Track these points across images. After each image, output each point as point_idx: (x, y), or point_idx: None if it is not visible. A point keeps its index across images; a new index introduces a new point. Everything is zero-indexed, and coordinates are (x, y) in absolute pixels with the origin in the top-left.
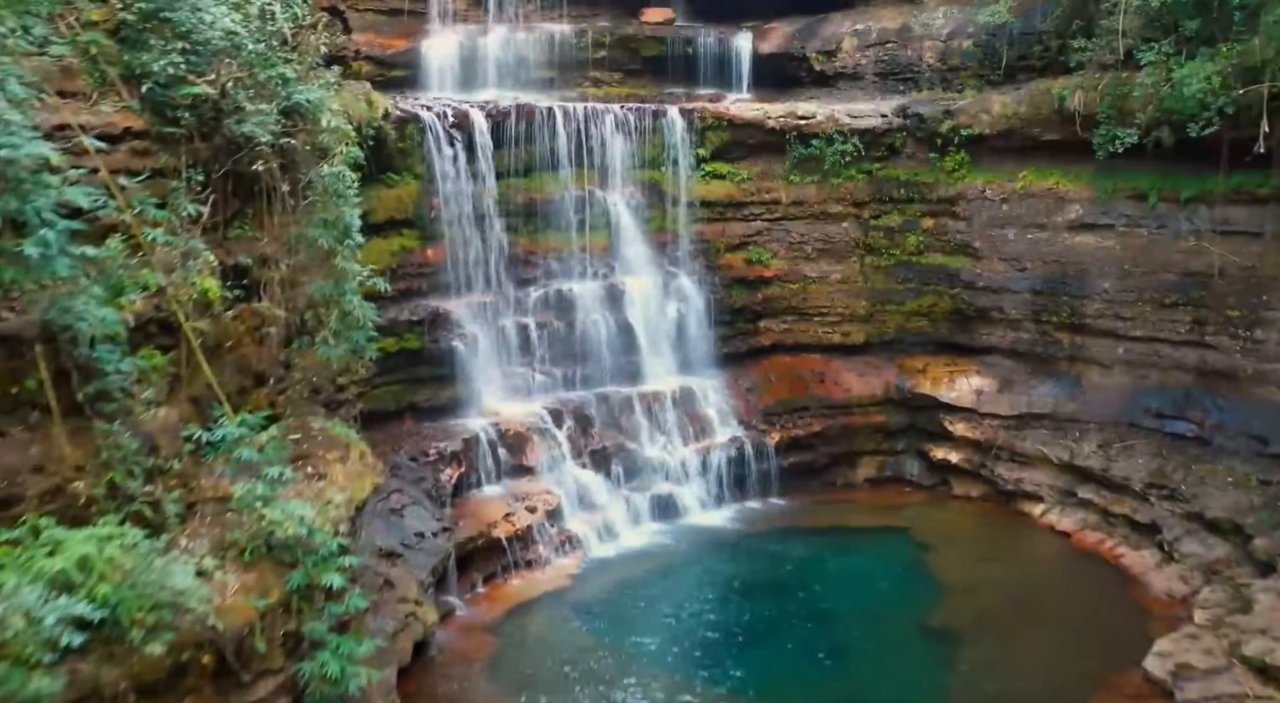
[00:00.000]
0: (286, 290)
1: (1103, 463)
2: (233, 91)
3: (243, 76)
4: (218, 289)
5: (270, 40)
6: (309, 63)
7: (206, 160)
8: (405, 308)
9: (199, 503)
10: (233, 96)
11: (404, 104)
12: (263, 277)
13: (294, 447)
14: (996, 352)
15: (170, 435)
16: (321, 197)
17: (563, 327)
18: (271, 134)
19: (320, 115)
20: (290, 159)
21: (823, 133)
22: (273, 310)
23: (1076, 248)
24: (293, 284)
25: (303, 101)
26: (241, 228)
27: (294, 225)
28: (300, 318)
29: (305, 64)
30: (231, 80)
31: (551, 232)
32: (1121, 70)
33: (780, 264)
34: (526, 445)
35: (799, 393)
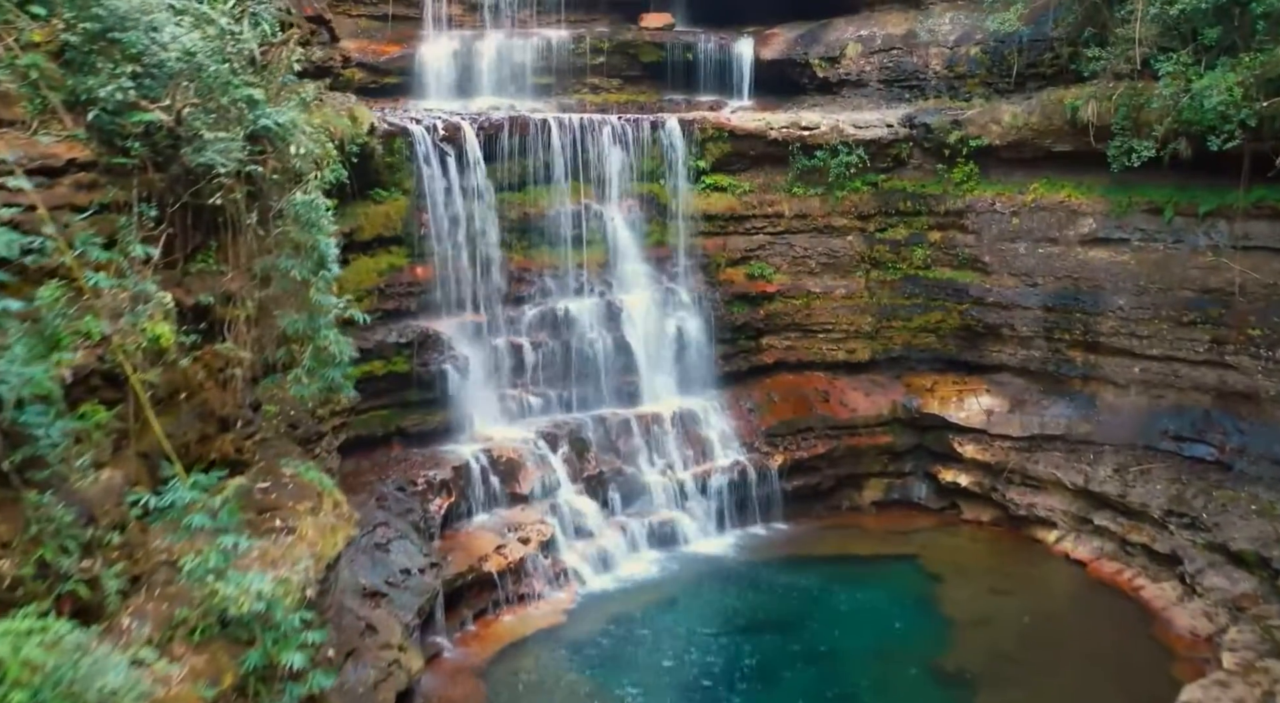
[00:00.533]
0: (255, 327)
1: (1119, 488)
2: (189, 118)
3: (202, 101)
4: (171, 335)
5: (236, 60)
6: (280, 82)
7: (162, 192)
8: (394, 329)
9: (145, 576)
10: (189, 123)
11: (392, 117)
12: (227, 315)
13: (261, 496)
14: (1007, 370)
15: (114, 501)
16: (293, 225)
17: (558, 346)
18: (236, 162)
19: (292, 139)
20: (259, 187)
21: (827, 144)
22: (237, 352)
23: (1090, 263)
24: (264, 318)
25: (271, 125)
26: (205, 261)
27: (264, 255)
28: (272, 354)
29: (276, 84)
30: (188, 106)
31: (546, 247)
32: (1137, 80)
33: (783, 279)
34: (520, 472)
35: (803, 413)
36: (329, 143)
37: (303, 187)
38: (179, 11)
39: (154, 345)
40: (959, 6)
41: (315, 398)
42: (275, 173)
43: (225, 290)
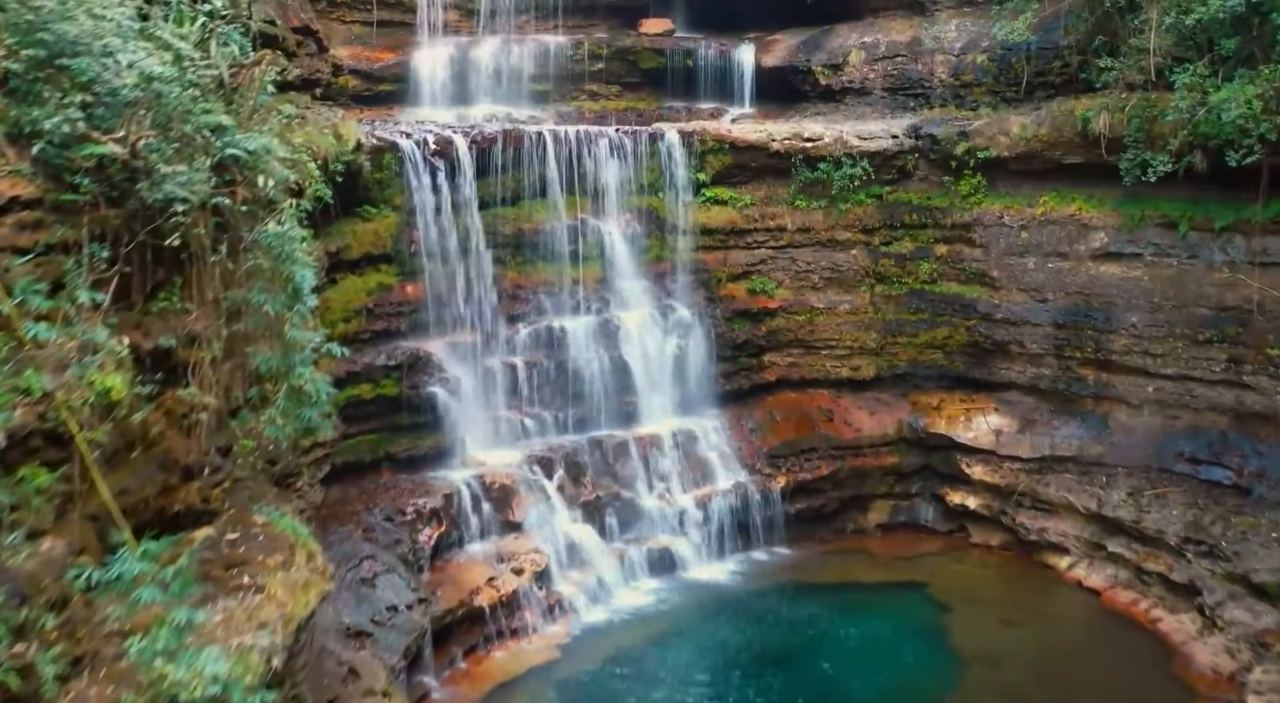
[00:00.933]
0: (224, 367)
1: (1134, 513)
2: (145, 150)
3: (162, 131)
4: (124, 387)
5: (202, 84)
6: (252, 105)
7: (117, 230)
8: (382, 351)
9: (89, 657)
10: (145, 156)
11: (381, 131)
12: (191, 357)
13: (229, 550)
14: (1016, 388)
15: (53, 575)
16: (266, 257)
17: (553, 366)
18: (199, 195)
19: (264, 167)
20: (227, 219)
21: (830, 156)
22: (202, 397)
23: (1101, 278)
24: (234, 356)
25: (241, 154)
26: (169, 299)
27: (235, 289)
28: (244, 393)
29: (248, 107)
30: (145, 137)
31: (541, 264)
32: (1151, 91)
33: (785, 294)
34: (513, 499)
35: (806, 433)
36: (311, 163)
37: (276, 216)
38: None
39: (104, 399)
40: (965, 13)
41: (291, 439)
42: (245, 203)
43: (189, 331)
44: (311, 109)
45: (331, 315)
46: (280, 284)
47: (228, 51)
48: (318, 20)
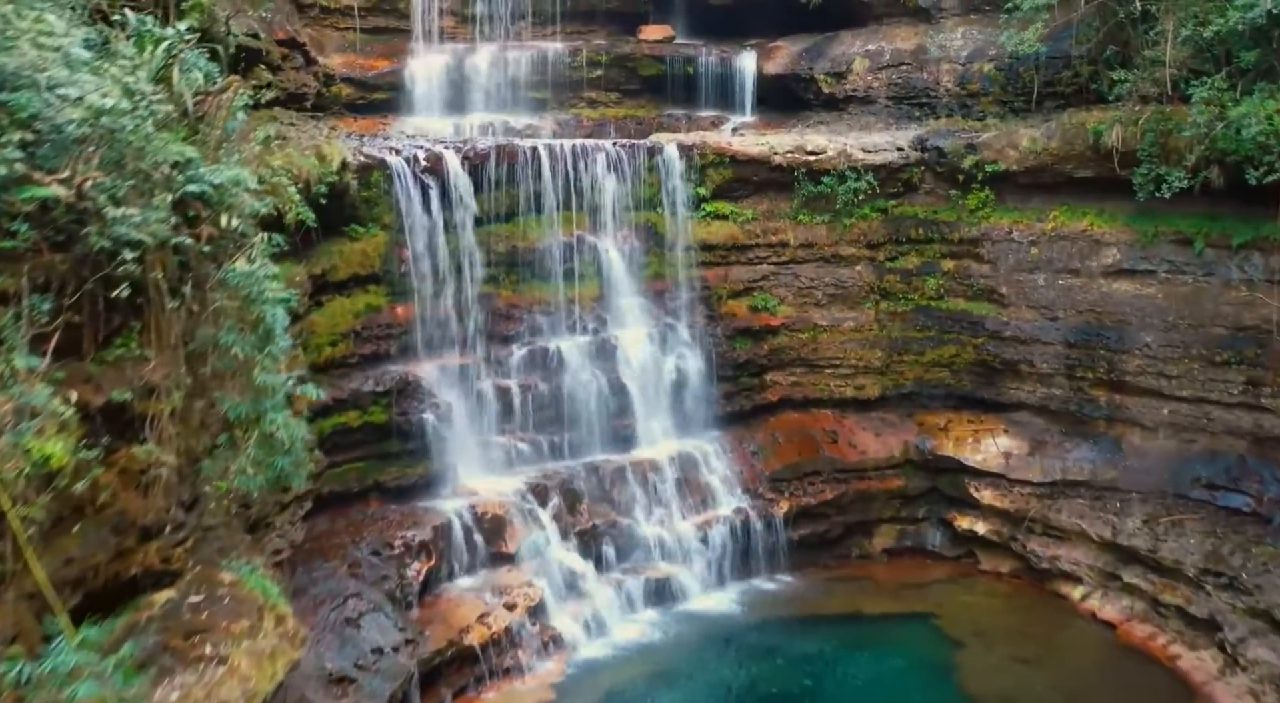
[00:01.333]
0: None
1: (1149, 542)
2: (94, 190)
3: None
4: (65, 453)
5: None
6: (220, 135)
7: (64, 276)
8: (370, 376)
9: None
10: (93, 197)
11: (368, 149)
12: (150, 410)
13: (190, 615)
14: (1025, 408)
15: None
16: (235, 297)
17: (548, 389)
18: (157, 235)
19: (231, 201)
20: (190, 257)
21: (834, 169)
22: (160, 454)
23: (1114, 296)
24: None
25: (205, 188)
26: (125, 345)
27: (203, 329)
28: (211, 442)
29: (215, 136)
30: (92, 178)
31: (536, 282)
32: (1165, 104)
33: (788, 311)
34: (506, 529)
35: (809, 455)
36: (291, 187)
37: (246, 252)
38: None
39: (42, 468)
40: (971, 21)
41: (263, 490)
42: (211, 241)
43: (147, 382)
44: (297, 126)
45: (317, 339)
46: (251, 324)
47: (192, 78)
48: (310, 28)
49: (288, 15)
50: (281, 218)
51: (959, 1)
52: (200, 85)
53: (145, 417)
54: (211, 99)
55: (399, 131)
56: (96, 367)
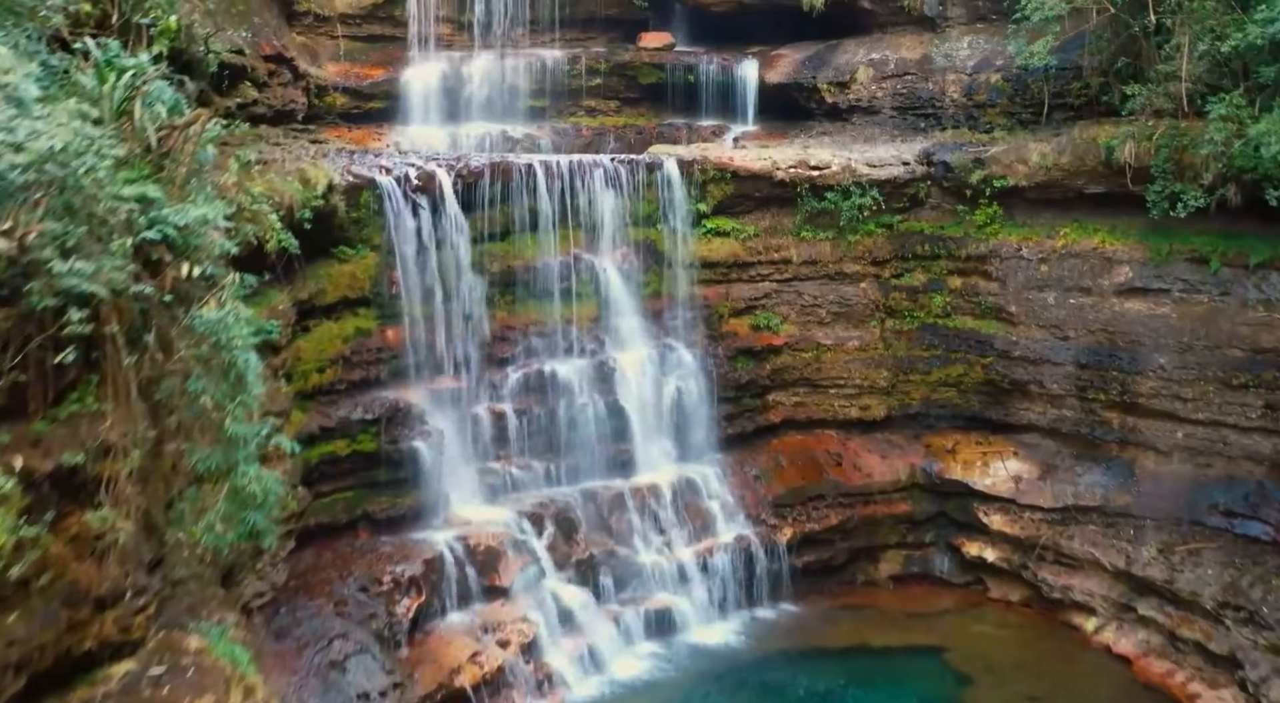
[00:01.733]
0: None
1: (1165, 572)
2: (41, 241)
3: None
4: (5, 534)
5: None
6: (186, 171)
7: (8, 334)
8: (359, 403)
9: None
10: (38, 250)
11: (357, 167)
12: (105, 471)
13: (151, 691)
14: (1035, 430)
15: None
16: (202, 344)
17: (544, 413)
18: (114, 284)
19: (199, 241)
20: (152, 304)
21: (838, 184)
22: (116, 520)
23: (1126, 315)
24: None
25: (169, 230)
26: (81, 400)
27: (168, 378)
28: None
29: (181, 174)
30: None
31: (532, 302)
32: (1180, 119)
33: (791, 330)
34: (499, 562)
35: (813, 479)
36: (272, 215)
37: (216, 294)
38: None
39: None
40: (978, 30)
41: (233, 547)
42: (175, 288)
43: (103, 441)
44: (284, 146)
45: (304, 366)
46: (221, 371)
47: (155, 112)
48: (304, 36)
49: (275, 30)
50: (262, 247)
51: (965, 10)
52: (164, 119)
53: (100, 479)
54: (177, 133)
55: (394, 142)
56: (46, 426)
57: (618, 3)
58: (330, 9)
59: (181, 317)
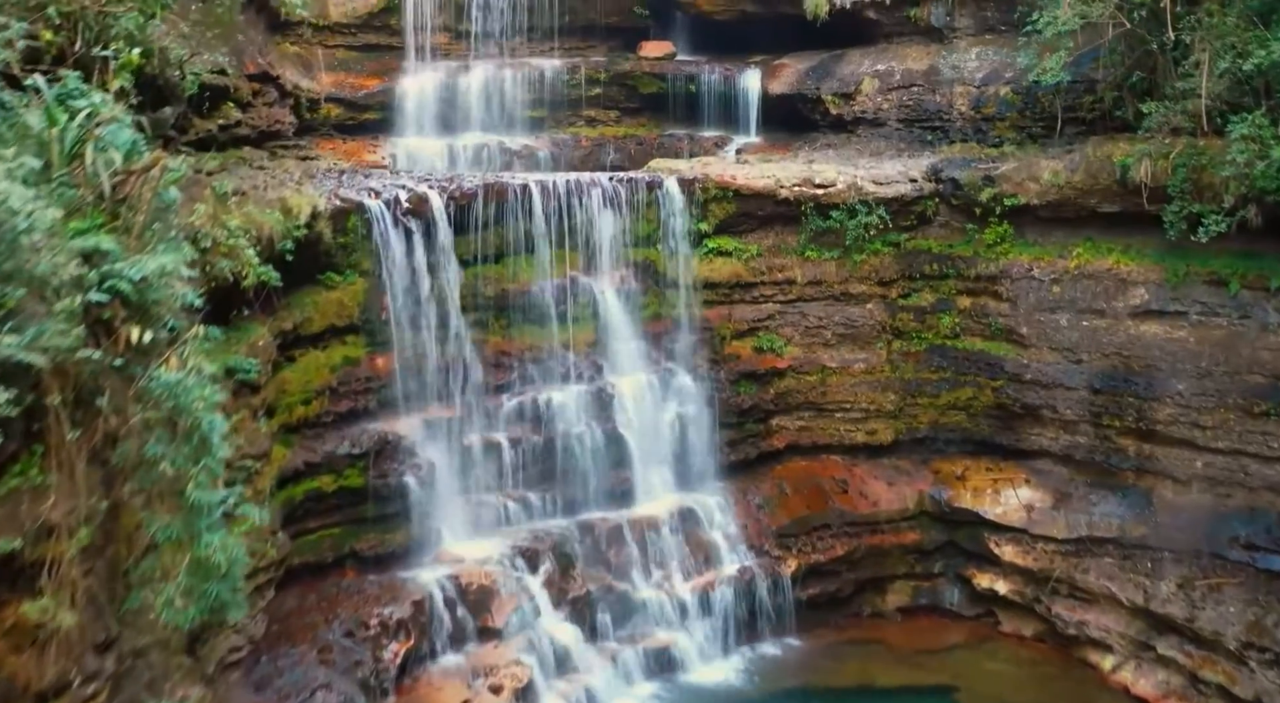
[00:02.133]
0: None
1: (1186, 610)
2: None
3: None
4: None
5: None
6: (145, 219)
7: None
8: (346, 436)
9: None
10: None
11: (345, 190)
12: (47, 555)
13: None
14: (1048, 456)
15: None
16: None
17: (540, 442)
18: (53, 352)
19: (159, 295)
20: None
21: (844, 203)
22: (58, 610)
23: (1142, 338)
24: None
25: (123, 285)
26: (24, 473)
27: (125, 442)
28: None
29: (139, 221)
30: None
31: (527, 327)
32: (1199, 137)
33: (795, 352)
34: (492, 601)
35: (818, 508)
36: (249, 249)
37: (177, 350)
38: None
39: None
40: (986, 42)
41: (194, 623)
42: (127, 351)
43: (44, 522)
44: (268, 169)
45: (289, 398)
46: (183, 434)
47: (108, 158)
48: (298, 46)
49: (260, 47)
50: (239, 283)
51: (973, 21)
52: (117, 165)
53: (42, 563)
54: (135, 178)
55: (389, 154)
56: None
57: (618, 11)
58: (325, 18)
59: (139, 377)
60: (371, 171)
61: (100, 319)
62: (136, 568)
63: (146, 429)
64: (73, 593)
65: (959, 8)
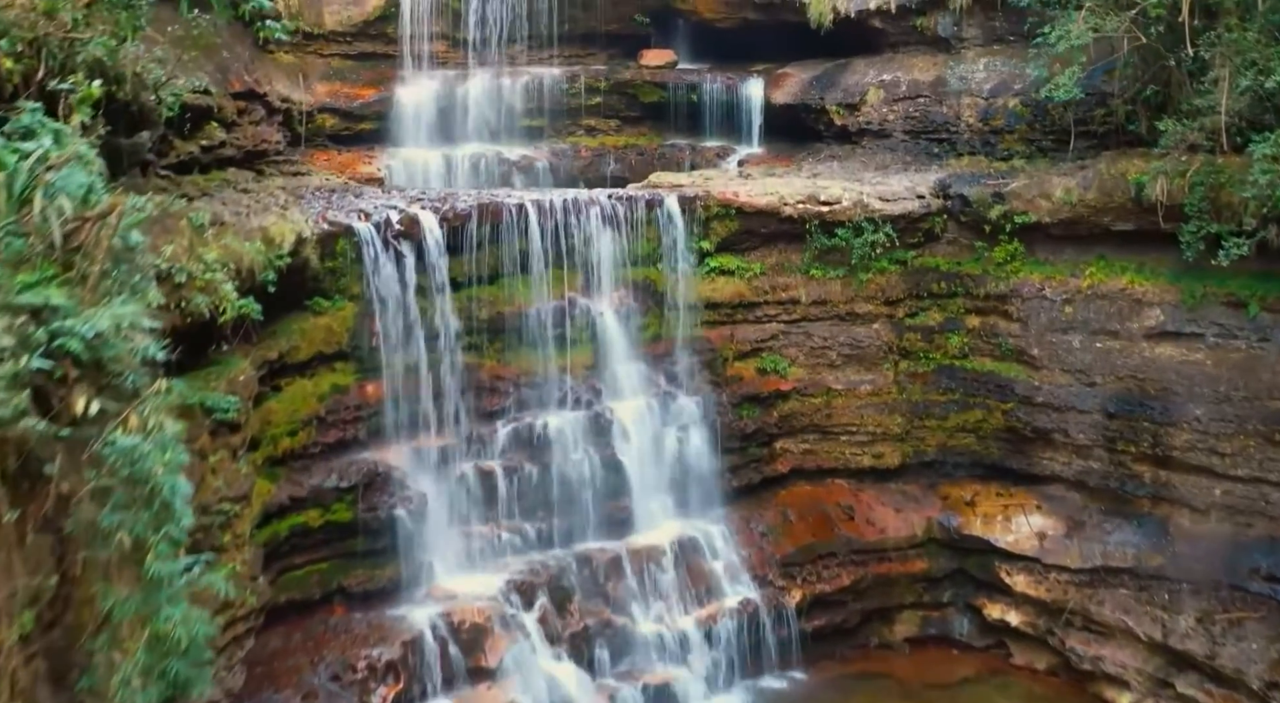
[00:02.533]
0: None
1: (1206, 646)
2: None
3: None
4: None
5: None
6: (102, 268)
7: None
8: (334, 468)
9: None
10: None
11: (333, 213)
12: None
13: None
14: (1060, 482)
15: None
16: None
17: (536, 470)
18: None
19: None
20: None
21: (849, 221)
22: None
23: (1158, 361)
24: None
25: (74, 344)
26: None
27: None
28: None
29: (96, 271)
30: None
31: (523, 350)
32: (1217, 154)
33: (799, 373)
34: (486, 640)
35: (824, 536)
36: (227, 284)
37: (137, 409)
38: None
39: None
40: (995, 52)
41: None
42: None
43: None
44: (252, 193)
45: (274, 430)
46: (143, 500)
47: (59, 205)
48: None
49: (247, 63)
50: (215, 320)
51: (981, 32)
52: (69, 213)
53: None
54: (90, 225)
55: (385, 164)
56: None
57: (618, 19)
58: (320, 27)
59: (93, 440)
60: (363, 190)
61: (49, 381)
62: (91, 644)
63: (103, 496)
64: (13, 683)
65: (966, 17)
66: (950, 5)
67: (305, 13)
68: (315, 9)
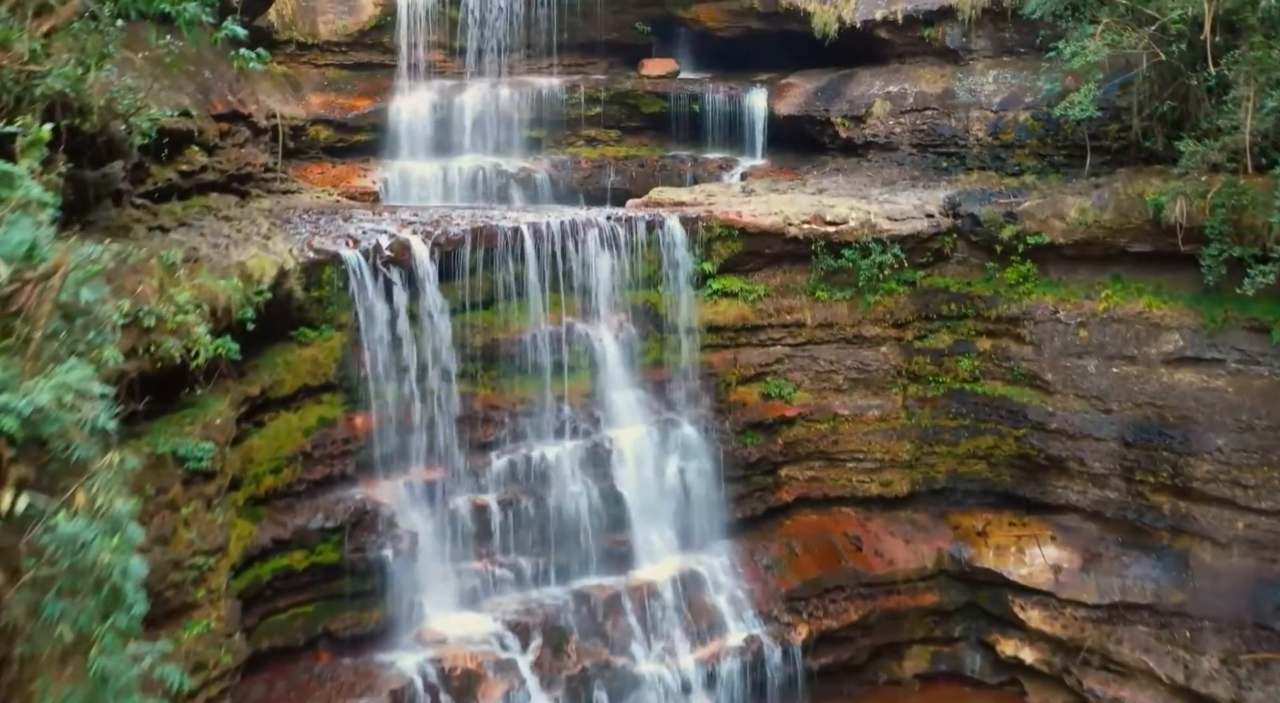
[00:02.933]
0: None
1: (1231, 690)
2: None
3: None
4: None
5: None
6: (45, 333)
7: None
8: (320, 507)
9: None
10: None
11: (319, 240)
12: None
13: None
14: (1075, 512)
15: None
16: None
17: (532, 504)
18: None
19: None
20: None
21: (857, 241)
22: None
23: (1177, 387)
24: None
25: (8, 423)
26: None
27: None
28: None
29: (38, 336)
30: None
31: (519, 378)
32: (1240, 175)
33: (805, 398)
34: (479, 687)
35: (830, 568)
36: (200, 326)
37: (85, 486)
38: None
39: None
40: (1004, 64)
41: None
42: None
43: None
44: (234, 220)
45: (256, 468)
46: (90, 587)
47: None
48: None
49: (231, 83)
50: (187, 365)
51: (991, 43)
52: (2, 276)
53: None
54: (30, 288)
55: (380, 177)
56: None
57: (618, 28)
58: (314, 37)
59: (32, 526)
60: (353, 211)
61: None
62: None
63: (45, 583)
64: None
65: (975, 28)
66: (959, 16)
67: (299, 23)
68: (310, 19)
